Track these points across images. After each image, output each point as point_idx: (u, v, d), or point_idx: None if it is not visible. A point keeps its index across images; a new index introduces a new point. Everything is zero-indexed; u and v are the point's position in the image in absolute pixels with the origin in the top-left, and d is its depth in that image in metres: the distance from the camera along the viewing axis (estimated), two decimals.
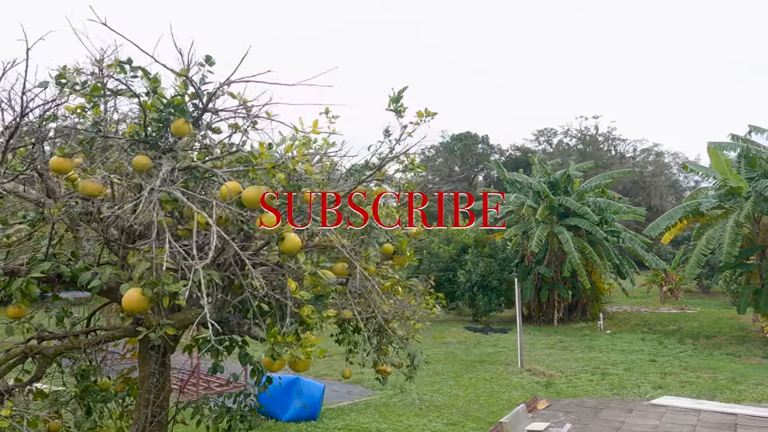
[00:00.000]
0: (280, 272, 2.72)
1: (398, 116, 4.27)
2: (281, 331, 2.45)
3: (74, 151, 2.94)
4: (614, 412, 3.48)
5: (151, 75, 2.86)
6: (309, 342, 2.49)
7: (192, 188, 2.70)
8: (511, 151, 69.30)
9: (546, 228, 21.71)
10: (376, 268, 3.77)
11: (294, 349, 2.42)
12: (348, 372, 5.91)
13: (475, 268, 22.00)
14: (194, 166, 2.71)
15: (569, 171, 22.69)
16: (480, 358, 15.15)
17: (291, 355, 2.38)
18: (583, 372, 12.84)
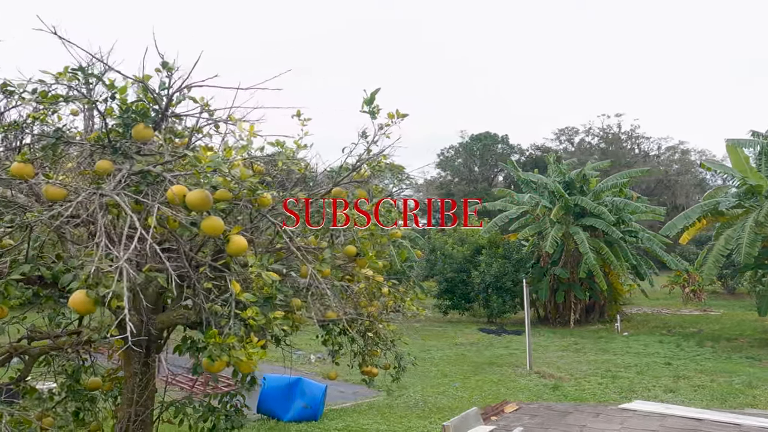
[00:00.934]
0: (230, 274, 2.76)
1: (372, 117, 4.28)
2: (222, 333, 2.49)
3: (35, 157, 3.03)
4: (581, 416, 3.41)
5: (107, 81, 2.93)
6: (252, 344, 2.52)
7: (146, 192, 2.76)
8: (531, 150, 68.52)
9: (561, 228, 21.41)
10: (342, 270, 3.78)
11: (236, 350, 2.45)
12: (333, 373, 5.95)
13: (489, 269, 21.83)
14: (146, 170, 2.77)
15: (585, 170, 22.33)
16: (490, 359, 15.02)
17: (231, 356, 2.42)
18: (593, 375, 12.62)
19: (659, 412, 3.26)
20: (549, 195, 22.60)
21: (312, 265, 2.95)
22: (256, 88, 3.02)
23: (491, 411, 3.82)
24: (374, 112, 4.26)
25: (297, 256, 2.96)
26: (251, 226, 3.41)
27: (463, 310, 23.86)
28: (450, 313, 24.56)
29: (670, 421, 2.96)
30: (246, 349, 2.48)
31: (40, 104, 2.79)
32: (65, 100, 2.83)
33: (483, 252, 22.71)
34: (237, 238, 2.64)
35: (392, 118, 4.10)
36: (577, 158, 62.91)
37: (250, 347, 2.51)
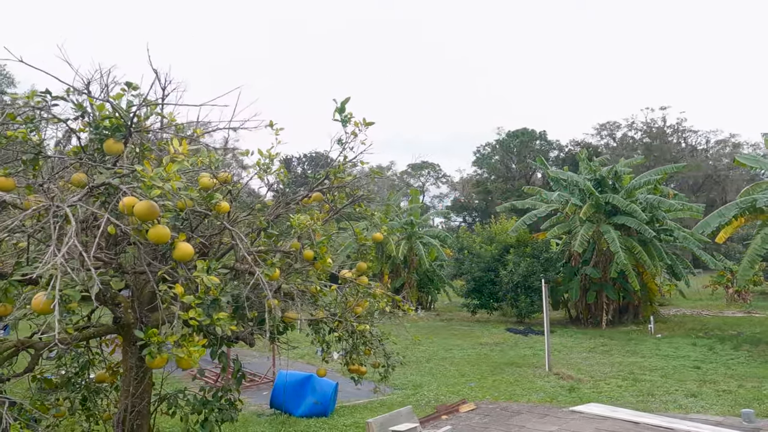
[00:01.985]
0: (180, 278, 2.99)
1: (344, 125, 4.46)
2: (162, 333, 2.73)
3: (17, 171, 3.36)
4: (528, 416, 3.44)
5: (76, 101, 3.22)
6: (193, 342, 2.74)
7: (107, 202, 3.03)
8: (570, 146, 66.90)
9: (591, 227, 20.95)
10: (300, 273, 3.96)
11: (177, 348, 2.68)
12: (323, 370, 6.15)
13: (517, 269, 21.59)
14: (107, 182, 3.04)
15: (617, 167, 21.72)
16: (512, 360, 14.92)
17: (171, 353, 2.65)
18: (615, 377, 12.35)
19: (604, 415, 3.26)
20: (579, 193, 22.14)
21: (260, 269, 3.15)
22: (211, 104, 3.26)
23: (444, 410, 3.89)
24: (346, 120, 4.43)
25: (247, 260, 3.17)
26: (209, 232, 3.65)
27: (491, 310, 23.69)
28: (479, 313, 24.44)
29: (608, 424, 2.97)
30: (186, 347, 2.71)
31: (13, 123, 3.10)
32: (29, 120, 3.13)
33: (511, 251, 22.47)
34: (182, 244, 2.87)
35: (357, 126, 4.25)
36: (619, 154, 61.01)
37: (191, 345, 2.73)
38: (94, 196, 3.06)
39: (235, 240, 3.25)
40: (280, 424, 9.24)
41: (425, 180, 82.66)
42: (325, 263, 3.54)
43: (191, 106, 3.25)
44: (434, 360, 15.09)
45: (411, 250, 27.56)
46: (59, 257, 2.37)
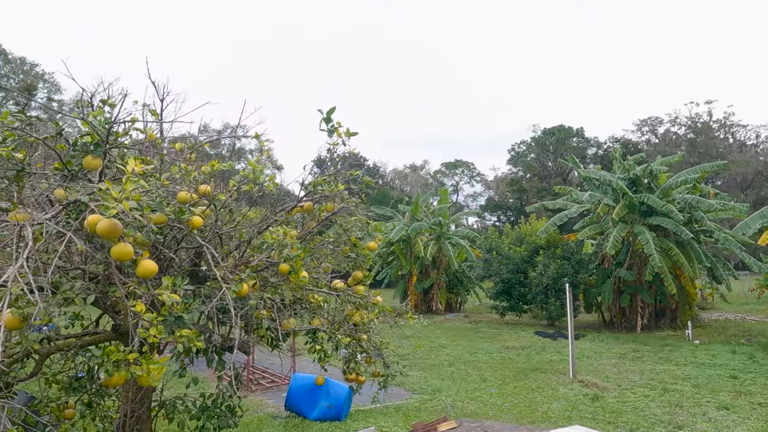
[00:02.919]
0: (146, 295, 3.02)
1: (330, 135, 4.42)
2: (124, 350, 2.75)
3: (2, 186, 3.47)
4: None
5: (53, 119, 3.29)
6: (153, 360, 2.76)
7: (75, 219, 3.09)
8: (609, 143, 65.00)
9: (625, 228, 20.23)
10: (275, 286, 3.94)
11: (136, 365, 2.70)
12: (321, 378, 6.14)
13: (547, 270, 21.08)
14: (78, 199, 3.10)
15: (652, 166, 20.88)
16: (537, 365, 14.57)
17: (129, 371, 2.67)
18: (643, 386, 11.87)
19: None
20: (613, 193, 21.42)
21: (227, 285, 3.15)
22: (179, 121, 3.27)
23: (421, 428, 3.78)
24: (332, 130, 4.39)
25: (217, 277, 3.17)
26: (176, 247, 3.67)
27: (520, 312, 23.24)
28: (508, 315, 24.01)
29: None
30: (146, 364, 2.73)
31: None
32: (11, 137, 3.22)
33: (541, 252, 21.97)
34: (145, 262, 2.89)
35: (340, 137, 4.20)
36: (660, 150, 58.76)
37: (151, 362, 2.75)
38: (66, 213, 3.13)
39: (206, 255, 3.26)
40: (293, 427, 9.30)
41: (459, 179, 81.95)
42: (299, 278, 3.51)
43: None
44: (457, 364, 14.90)
45: (440, 251, 27.35)
46: (11, 272, 2.42)
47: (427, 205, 29.85)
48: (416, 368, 14.37)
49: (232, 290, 3.15)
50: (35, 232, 2.94)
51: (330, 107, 4.33)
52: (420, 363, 15.06)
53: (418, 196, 28.62)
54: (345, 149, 4.39)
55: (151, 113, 5.71)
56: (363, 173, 5.04)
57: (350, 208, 4.88)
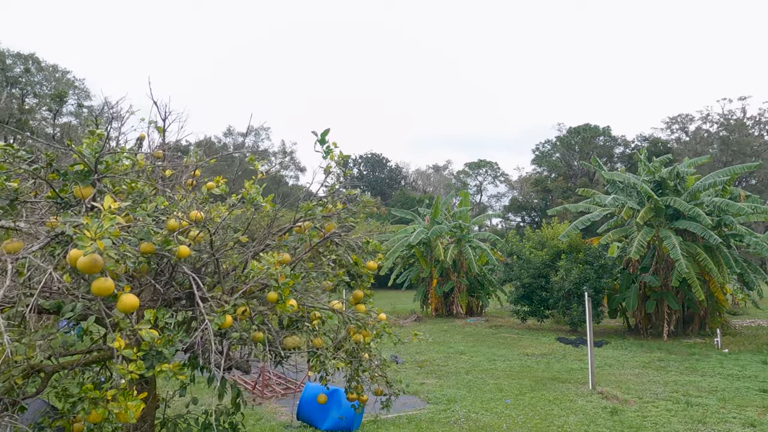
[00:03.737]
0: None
1: (325, 156, 4.38)
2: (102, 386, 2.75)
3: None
4: None
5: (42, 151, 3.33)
6: (131, 396, 2.75)
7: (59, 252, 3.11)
8: (637, 142, 63.54)
9: (650, 232, 19.69)
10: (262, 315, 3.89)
11: (114, 402, 2.70)
12: (323, 397, 6.09)
13: (569, 275, 20.66)
14: (60, 232, 3.12)
15: (679, 168, 20.27)
16: (557, 374, 14.28)
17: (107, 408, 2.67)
18: (666, 398, 11.51)
19: None
20: (637, 196, 20.88)
21: (210, 318, 3.13)
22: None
23: None
24: (327, 151, 4.34)
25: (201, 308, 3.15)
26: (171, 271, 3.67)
27: (541, 318, 22.85)
28: (529, 320, 23.65)
29: None
30: (123, 401, 2.72)
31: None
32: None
33: (563, 257, 21.55)
34: (125, 297, 2.89)
35: (332, 159, 4.15)
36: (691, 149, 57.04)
37: (129, 399, 2.74)
38: (52, 245, 3.15)
39: (192, 286, 3.25)
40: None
41: (483, 179, 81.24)
42: (285, 308, 3.46)
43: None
44: (474, 372, 14.71)
45: (460, 254, 27.12)
46: None
47: (447, 208, 29.62)
48: (433, 376, 14.25)
49: (215, 323, 3.13)
50: (18, 266, 2.97)
51: (324, 129, 4.28)
52: (437, 371, 14.93)
53: (437, 198, 28.42)
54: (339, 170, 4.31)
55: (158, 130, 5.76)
56: (362, 191, 4.97)
57: (348, 227, 4.82)
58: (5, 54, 41.71)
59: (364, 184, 73.55)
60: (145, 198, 3.56)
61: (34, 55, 42.25)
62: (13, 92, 42.38)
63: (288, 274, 3.66)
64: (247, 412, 10.75)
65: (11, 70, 41.87)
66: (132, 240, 3.53)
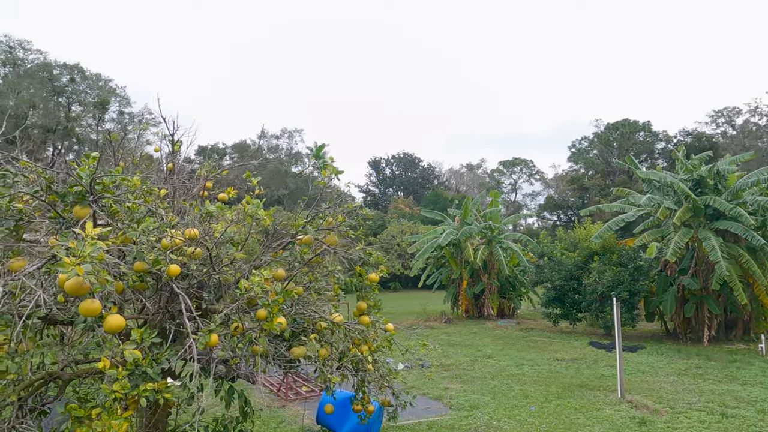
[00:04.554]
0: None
1: (321, 170, 4.40)
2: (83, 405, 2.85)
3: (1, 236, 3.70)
4: None
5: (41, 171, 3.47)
6: (115, 415, 2.84)
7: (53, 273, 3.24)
8: (680, 137, 61.16)
9: (688, 233, 18.90)
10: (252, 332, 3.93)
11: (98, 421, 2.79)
12: (330, 407, 6.12)
13: (602, 278, 20.08)
14: (53, 254, 3.24)
15: (719, 166, 19.37)
16: (585, 381, 13.91)
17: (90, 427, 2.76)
18: (701, 409, 11.03)
19: None
20: (674, 195, 20.08)
21: (194, 337, 3.19)
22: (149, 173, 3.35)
23: None
24: (323, 165, 4.37)
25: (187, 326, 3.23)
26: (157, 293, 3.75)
27: (574, 321, 22.30)
28: (561, 323, 23.12)
29: None
30: (108, 419, 2.81)
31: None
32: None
33: (595, 258, 20.96)
34: (111, 318, 2.98)
35: (326, 175, 4.16)
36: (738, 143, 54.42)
37: (114, 418, 2.83)
38: (48, 266, 3.28)
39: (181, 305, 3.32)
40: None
41: (518, 177, 79.96)
42: (272, 326, 3.50)
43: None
44: (501, 377, 14.49)
45: (491, 255, 26.77)
46: None
47: (477, 209, 29.28)
48: (458, 381, 14.13)
49: (199, 342, 3.19)
50: (12, 287, 3.10)
51: (320, 145, 4.31)
52: (462, 375, 14.79)
53: (467, 199, 28.10)
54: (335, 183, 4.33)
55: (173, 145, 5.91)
56: (362, 205, 4.97)
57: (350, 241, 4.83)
58: (52, 65, 43.74)
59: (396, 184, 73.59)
60: (140, 218, 3.66)
61: (79, 65, 44.17)
62: (60, 101, 44.41)
63: (279, 291, 3.69)
64: (270, 415, 10.94)
65: (58, 80, 43.89)
66: (128, 259, 3.65)
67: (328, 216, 4.80)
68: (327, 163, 4.33)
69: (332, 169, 4.25)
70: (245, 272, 4.15)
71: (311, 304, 4.87)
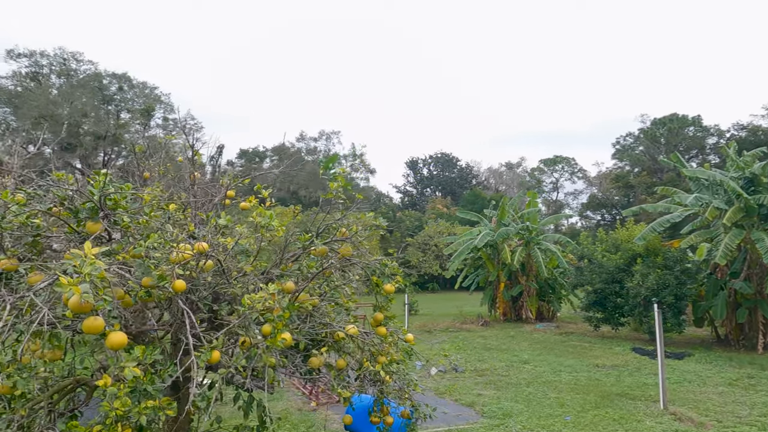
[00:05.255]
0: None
1: (331, 180, 4.36)
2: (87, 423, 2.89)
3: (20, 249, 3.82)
4: None
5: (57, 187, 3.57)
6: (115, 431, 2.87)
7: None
8: (733, 131, 58.09)
9: (740, 234, 17.88)
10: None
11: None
12: (348, 418, 6.07)
13: (645, 281, 19.25)
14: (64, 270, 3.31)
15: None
16: (626, 389, 13.36)
17: None
18: (750, 424, 10.38)
19: None
20: (724, 194, 19.03)
21: (197, 354, 3.19)
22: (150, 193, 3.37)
23: None
24: (334, 177, 4.33)
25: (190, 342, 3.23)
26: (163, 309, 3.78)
27: (616, 326, 21.49)
28: (603, 327, 22.33)
29: None
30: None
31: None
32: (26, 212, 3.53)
33: (638, 261, 20.13)
34: (113, 335, 3.02)
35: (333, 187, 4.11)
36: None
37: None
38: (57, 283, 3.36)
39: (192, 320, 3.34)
40: None
41: (559, 175, 78.04)
42: (275, 342, 3.46)
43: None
44: (536, 383, 14.11)
45: (529, 257, 26.17)
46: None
47: (515, 209, 28.69)
48: (491, 387, 13.85)
49: (201, 359, 3.20)
50: (20, 304, 3.19)
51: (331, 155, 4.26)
52: (497, 381, 14.49)
53: (504, 199, 27.57)
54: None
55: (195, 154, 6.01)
56: (376, 214, 4.89)
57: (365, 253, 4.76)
58: (102, 75, 45.76)
59: (434, 184, 73.12)
60: (149, 233, 3.71)
61: (127, 74, 46.03)
62: (110, 109, 46.41)
63: (284, 306, 3.66)
64: (300, 419, 11.02)
65: (108, 89, 45.87)
66: (137, 274, 3.70)
67: (341, 226, 4.74)
68: (337, 174, 4.28)
69: (343, 181, 4.19)
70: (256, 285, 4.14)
71: (326, 315, 4.83)
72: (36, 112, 39.19)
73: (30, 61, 43.59)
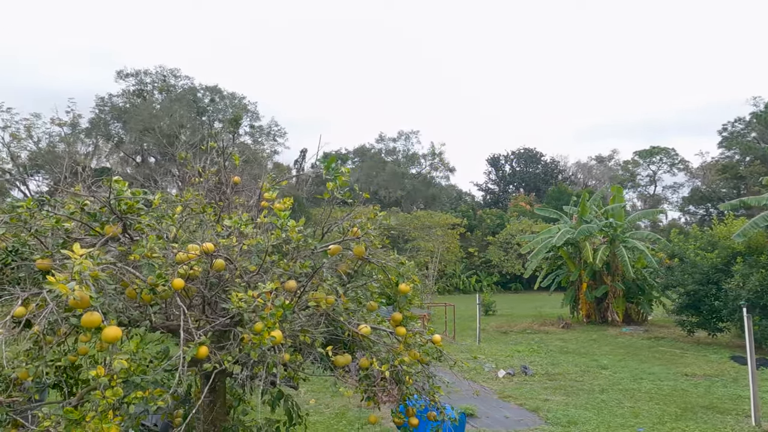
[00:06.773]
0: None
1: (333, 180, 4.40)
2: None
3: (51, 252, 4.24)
4: None
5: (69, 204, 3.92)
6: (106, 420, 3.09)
7: None
8: None
9: None
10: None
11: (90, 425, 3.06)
12: (373, 418, 6.06)
13: (746, 282, 17.30)
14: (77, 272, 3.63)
15: None
16: (715, 401, 12.10)
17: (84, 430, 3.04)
18: None
19: None
20: None
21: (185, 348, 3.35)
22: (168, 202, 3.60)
23: None
24: (336, 176, 4.37)
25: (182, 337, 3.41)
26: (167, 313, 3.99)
27: (713, 331, 19.51)
28: (698, 333, 20.38)
29: None
30: (99, 423, 3.08)
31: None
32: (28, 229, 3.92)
33: (738, 260, 18.13)
34: (107, 329, 3.26)
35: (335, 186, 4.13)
36: None
37: (105, 422, 3.09)
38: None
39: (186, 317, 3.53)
40: None
41: (657, 167, 72.41)
42: (263, 339, 3.54)
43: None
44: (612, 391, 13.19)
45: (614, 256, 24.53)
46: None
47: (598, 205, 27.04)
48: (561, 392, 13.16)
49: (189, 354, 3.35)
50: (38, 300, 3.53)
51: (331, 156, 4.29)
52: (568, 386, 13.75)
53: (584, 195, 26.08)
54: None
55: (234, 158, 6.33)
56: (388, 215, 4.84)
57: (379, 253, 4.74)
58: (197, 88, 49.42)
59: (517, 181, 70.81)
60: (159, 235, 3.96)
61: (217, 86, 49.34)
62: (203, 120, 49.99)
63: (278, 305, 3.74)
64: (357, 416, 11.18)
65: (201, 101, 49.45)
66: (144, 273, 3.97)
67: (354, 226, 4.76)
68: (339, 174, 4.29)
69: (342, 181, 4.20)
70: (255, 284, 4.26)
71: (341, 314, 4.86)
72: (141, 126, 43.15)
73: (136, 80, 48.14)
